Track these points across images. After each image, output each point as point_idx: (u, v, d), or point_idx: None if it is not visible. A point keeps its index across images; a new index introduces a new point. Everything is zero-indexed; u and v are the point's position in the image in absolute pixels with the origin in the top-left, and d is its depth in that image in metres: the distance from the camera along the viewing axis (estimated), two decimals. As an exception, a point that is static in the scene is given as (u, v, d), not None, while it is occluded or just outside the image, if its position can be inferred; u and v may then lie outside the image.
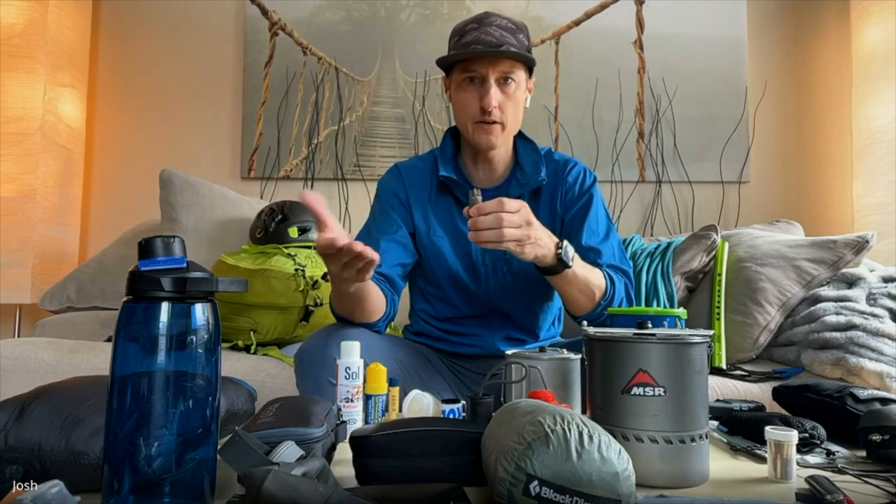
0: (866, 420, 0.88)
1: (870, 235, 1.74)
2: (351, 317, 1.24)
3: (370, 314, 1.23)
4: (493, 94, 1.24)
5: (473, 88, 1.26)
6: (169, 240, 0.61)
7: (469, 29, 1.26)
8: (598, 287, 1.22)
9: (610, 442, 0.60)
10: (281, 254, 1.83)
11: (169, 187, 2.10)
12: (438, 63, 1.29)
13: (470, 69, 1.25)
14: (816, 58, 2.62)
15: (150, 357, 0.59)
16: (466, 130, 1.31)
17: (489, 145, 1.30)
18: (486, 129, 1.27)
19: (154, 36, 2.56)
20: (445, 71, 1.33)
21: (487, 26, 1.24)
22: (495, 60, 1.24)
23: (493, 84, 1.24)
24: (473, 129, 1.28)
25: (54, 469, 0.68)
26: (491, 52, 1.22)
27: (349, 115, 2.53)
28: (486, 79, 1.24)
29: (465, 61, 1.25)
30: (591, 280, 1.20)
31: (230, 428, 0.82)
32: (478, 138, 1.29)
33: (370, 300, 1.21)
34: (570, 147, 2.50)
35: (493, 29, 1.24)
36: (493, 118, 1.26)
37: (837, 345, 1.53)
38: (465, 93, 1.27)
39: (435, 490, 0.62)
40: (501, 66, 1.24)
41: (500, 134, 1.28)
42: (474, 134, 1.29)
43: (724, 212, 2.55)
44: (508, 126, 1.29)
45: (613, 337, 0.79)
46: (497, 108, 1.25)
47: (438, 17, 2.56)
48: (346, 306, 1.21)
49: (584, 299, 1.22)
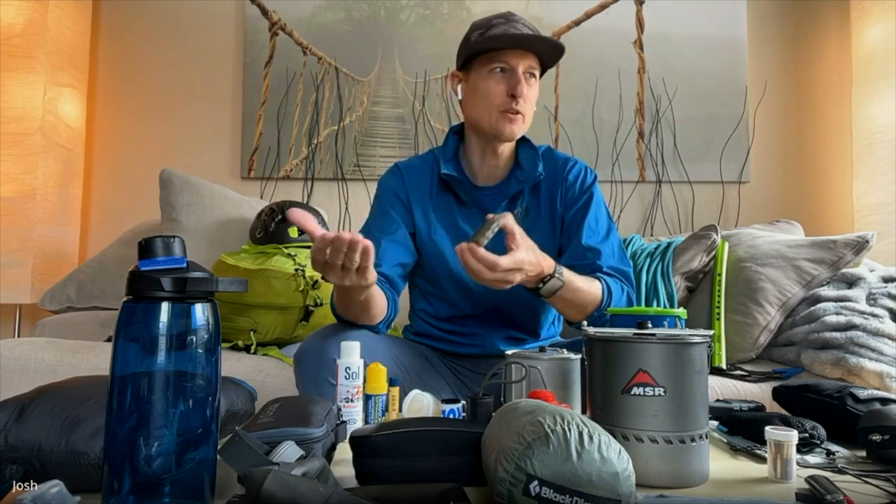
0: (866, 420, 0.88)
1: (870, 235, 1.74)
2: (354, 321, 1.24)
3: (371, 316, 1.24)
4: (523, 84, 1.26)
5: (502, 78, 1.28)
6: (169, 240, 0.61)
7: (496, 23, 1.29)
8: (591, 303, 1.23)
9: (610, 442, 0.60)
10: (281, 254, 1.83)
11: (169, 187, 2.10)
12: (471, 49, 1.29)
13: (501, 59, 1.27)
14: (816, 58, 2.62)
15: (150, 357, 0.59)
16: (488, 120, 1.30)
17: (511, 135, 1.30)
18: (510, 118, 1.28)
19: (154, 36, 2.56)
20: (464, 62, 1.33)
21: (515, 22, 1.29)
22: (525, 54, 1.27)
23: (521, 75, 1.27)
24: (497, 119, 1.29)
25: (54, 469, 0.68)
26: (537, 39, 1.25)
27: (349, 115, 2.53)
28: (515, 69, 1.27)
29: (494, 51, 1.27)
30: (584, 298, 1.21)
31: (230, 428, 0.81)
32: (501, 127, 1.29)
33: (376, 305, 1.22)
34: (570, 147, 2.50)
35: (520, 25, 1.28)
36: (518, 108, 1.27)
37: (837, 345, 1.53)
38: (491, 83, 1.28)
39: (435, 490, 0.62)
40: (529, 60, 1.28)
41: (521, 124, 1.30)
42: (498, 123, 1.29)
43: (724, 212, 2.55)
44: (527, 119, 1.32)
45: (613, 337, 0.79)
46: (524, 98, 1.28)
47: (438, 17, 2.56)
48: (351, 313, 1.22)
49: (576, 313, 1.25)
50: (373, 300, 1.19)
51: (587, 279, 1.22)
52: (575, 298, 1.19)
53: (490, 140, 1.33)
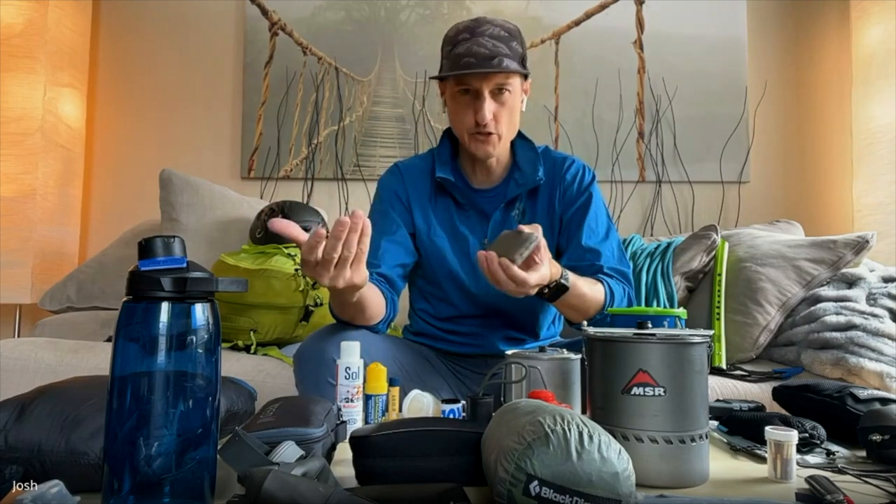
0: (866, 420, 0.88)
1: (870, 235, 1.74)
2: (352, 322, 1.24)
3: (370, 318, 1.23)
4: (486, 108, 1.23)
5: (468, 100, 1.25)
6: (169, 240, 0.61)
7: (461, 39, 1.23)
8: (594, 306, 1.22)
9: (610, 442, 0.60)
10: (281, 254, 1.83)
11: (169, 187, 2.10)
12: (433, 78, 1.30)
13: (463, 82, 1.24)
14: (816, 58, 2.62)
15: (150, 357, 0.59)
16: (463, 140, 1.31)
17: (486, 155, 1.30)
18: (481, 139, 1.27)
19: (154, 36, 2.56)
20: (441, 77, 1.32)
21: (479, 36, 1.21)
22: (489, 74, 1.22)
23: (487, 97, 1.23)
24: (469, 140, 1.29)
25: (54, 469, 0.68)
26: (482, 70, 1.20)
27: (349, 115, 2.53)
28: (480, 92, 1.23)
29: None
30: (588, 301, 1.20)
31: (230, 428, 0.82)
32: (474, 149, 1.29)
33: (372, 306, 1.20)
34: (570, 147, 2.50)
35: (485, 39, 1.21)
36: (488, 130, 1.25)
37: (837, 345, 1.53)
38: (459, 105, 1.27)
39: (435, 490, 0.62)
40: (496, 79, 1.22)
41: (496, 144, 1.28)
42: (470, 145, 1.29)
43: (724, 212, 2.55)
44: (504, 135, 1.29)
45: (613, 337, 0.79)
46: (492, 119, 1.24)
47: (438, 17, 2.56)
48: (347, 314, 1.21)
49: (578, 316, 1.24)
50: (367, 302, 1.17)
51: (590, 282, 1.22)
52: (579, 302, 1.19)
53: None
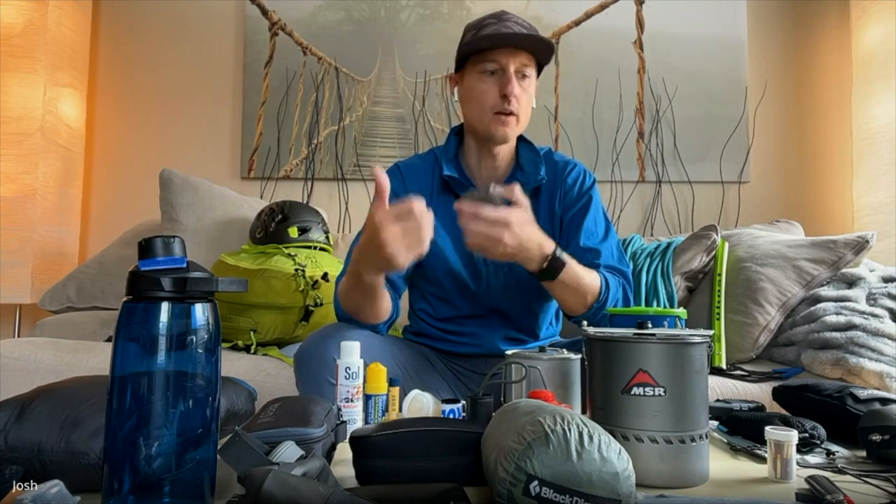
0: (866, 420, 0.88)
1: (870, 235, 1.73)
2: (357, 314, 1.23)
3: (377, 313, 1.22)
4: (514, 83, 1.25)
5: (493, 79, 1.27)
6: (169, 240, 0.61)
7: (488, 23, 1.27)
8: (590, 292, 1.21)
9: (610, 442, 0.60)
10: (281, 254, 1.83)
11: (169, 187, 2.10)
12: (463, 51, 1.29)
13: (490, 59, 1.26)
14: (816, 58, 2.62)
15: (150, 357, 0.59)
16: (481, 122, 1.30)
17: (504, 137, 1.30)
18: (503, 120, 1.27)
19: (154, 36, 2.57)
20: (458, 65, 1.33)
21: (507, 21, 1.27)
22: (516, 52, 1.25)
23: (513, 75, 1.26)
24: (490, 121, 1.28)
25: (54, 469, 0.68)
26: (523, 37, 1.23)
27: (349, 115, 2.53)
28: (506, 69, 1.25)
29: (484, 52, 1.26)
30: (584, 286, 1.20)
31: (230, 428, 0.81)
32: (494, 129, 1.29)
33: (385, 299, 1.21)
34: (570, 147, 2.50)
35: (511, 24, 1.26)
36: (511, 108, 1.26)
37: (837, 345, 1.53)
38: (484, 83, 1.27)
39: (435, 490, 0.62)
40: (521, 59, 1.26)
41: (514, 126, 1.29)
42: (490, 125, 1.29)
43: (724, 212, 2.55)
44: (522, 120, 1.30)
45: (613, 337, 0.79)
46: (515, 98, 1.26)
47: (438, 17, 2.56)
48: (356, 300, 1.20)
49: (576, 303, 1.22)
50: (381, 290, 1.18)
51: (585, 268, 1.22)
52: (576, 283, 1.18)
53: (485, 142, 1.33)
